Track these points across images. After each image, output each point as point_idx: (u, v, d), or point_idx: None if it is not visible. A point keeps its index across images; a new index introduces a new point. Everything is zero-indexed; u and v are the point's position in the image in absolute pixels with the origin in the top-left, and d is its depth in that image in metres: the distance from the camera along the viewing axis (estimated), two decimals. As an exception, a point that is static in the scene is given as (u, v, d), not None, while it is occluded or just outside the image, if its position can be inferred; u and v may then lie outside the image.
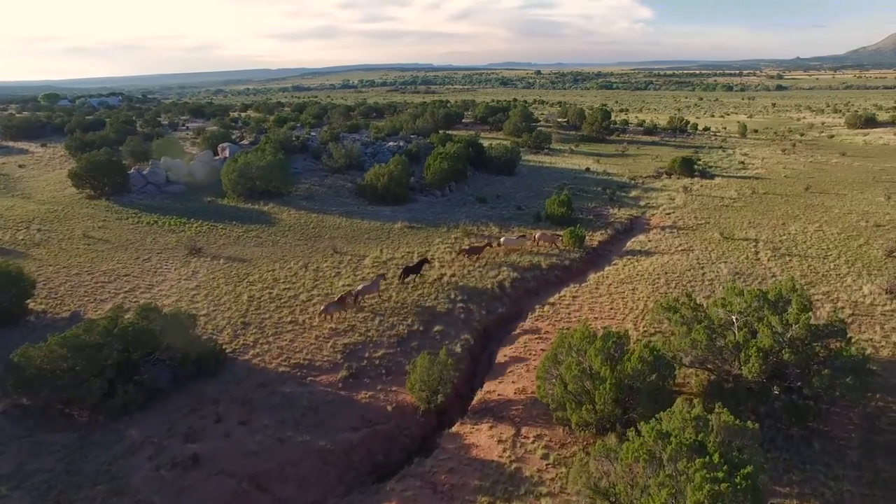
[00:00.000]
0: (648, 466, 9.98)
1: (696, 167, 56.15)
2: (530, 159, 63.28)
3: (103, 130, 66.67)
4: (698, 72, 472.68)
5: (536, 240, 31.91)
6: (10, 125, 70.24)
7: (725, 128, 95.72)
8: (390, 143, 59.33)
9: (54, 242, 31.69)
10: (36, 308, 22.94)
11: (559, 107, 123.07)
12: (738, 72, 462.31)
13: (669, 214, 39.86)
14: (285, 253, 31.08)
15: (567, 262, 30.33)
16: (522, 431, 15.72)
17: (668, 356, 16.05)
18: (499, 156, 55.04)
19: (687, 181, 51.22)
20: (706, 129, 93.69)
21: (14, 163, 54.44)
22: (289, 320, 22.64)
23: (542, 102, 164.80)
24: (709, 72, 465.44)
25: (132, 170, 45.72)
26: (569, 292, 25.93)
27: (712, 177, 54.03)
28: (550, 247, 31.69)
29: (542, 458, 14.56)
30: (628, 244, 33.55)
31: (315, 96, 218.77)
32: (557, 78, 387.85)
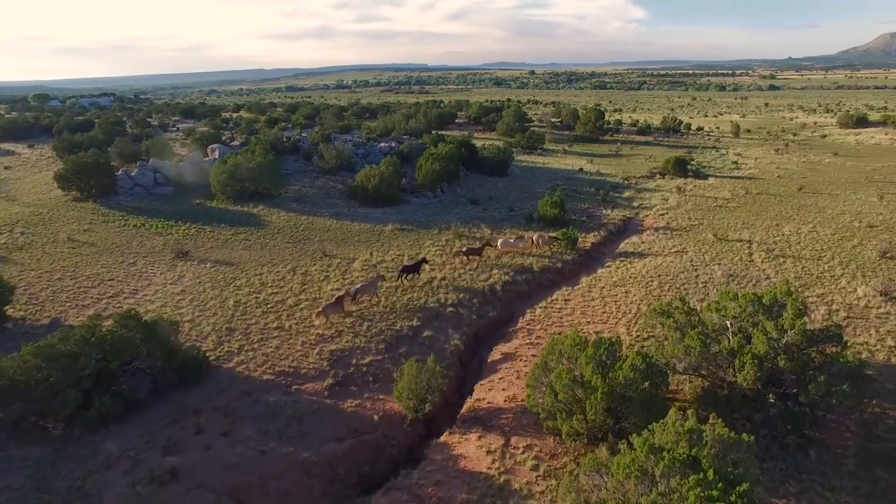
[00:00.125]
0: (640, 483, 9.58)
1: (689, 167, 55.94)
2: (523, 160, 62.91)
3: (92, 131, 65.82)
4: (691, 72, 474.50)
5: (534, 242, 31.51)
6: (-4, 125, 69.35)
7: (718, 128, 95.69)
8: (382, 143, 58.82)
9: (37, 246, 31.05)
10: (14, 315, 22.33)
11: (553, 107, 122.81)
12: (730, 72, 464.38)
13: (663, 215, 39.56)
14: (274, 256, 30.57)
15: (559, 265, 29.95)
16: (512, 441, 15.29)
17: (661, 363, 15.68)
18: (491, 156, 54.63)
19: (680, 181, 50.98)
20: (699, 128, 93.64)
21: (0, 164, 53.64)
22: (275, 326, 22.14)
23: (535, 102, 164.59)
24: (702, 72, 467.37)
25: (120, 171, 45.05)
26: (561, 295, 25.54)
27: (706, 177, 53.83)
28: (549, 249, 31.30)
29: (531, 469, 14.14)
30: (621, 246, 33.20)
31: (309, 97, 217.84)
32: (551, 78, 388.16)
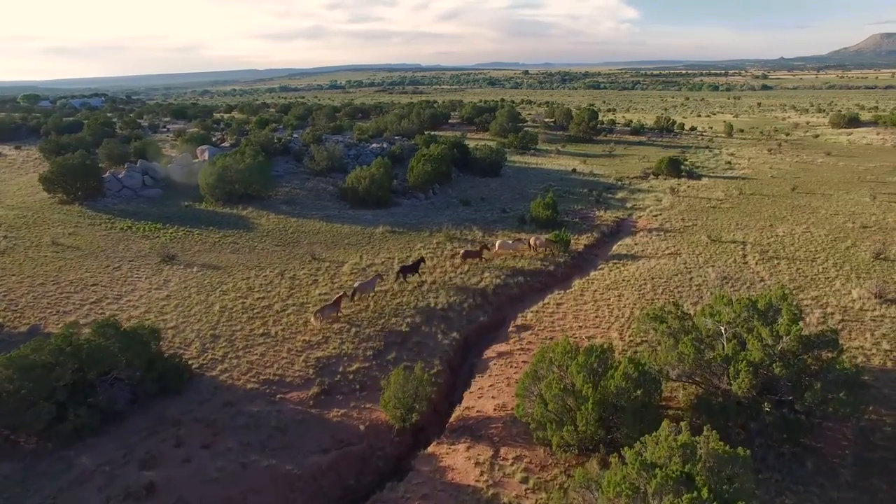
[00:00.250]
0: (632, 501, 9.18)
1: (682, 167, 55.76)
2: (516, 160, 62.55)
3: (80, 133, 64.94)
4: (684, 72, 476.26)
5: (532, 245, 31.07)
6: (-17, 127, 68.33)
7: (712, 127, 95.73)
8: (374, 144, 58.29)
9: (20, 250, 30.36)
10: (-9, 322, 21.73)
11: (546, 107, 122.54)
12: (723, 72, 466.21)
13: (656, 216, 39.27)
14: (262, 260, 30.04)
15: (552, 268, 29.56)
16: (501, 452, 14.86)
17: (654, 370, 15.30)
18: (484, 157, 54.23)
19: (674, 182, 50.76)
20: (693, 128, 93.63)
21: (-15, 166, 52.81)
22: (261, 332, 21.62)
23: (529, 102, 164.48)
24: (695, 72, 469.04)
25: (107, 173, 44.33)
26: (553, 299, 25.14)
27: (699, 177, 53.63)
28: (545, 252, 30.89)
29: (521, 481, 13.70)
30: (614, 248, 32.86)
31: (302, 97, 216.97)
32: (545, 78, 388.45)
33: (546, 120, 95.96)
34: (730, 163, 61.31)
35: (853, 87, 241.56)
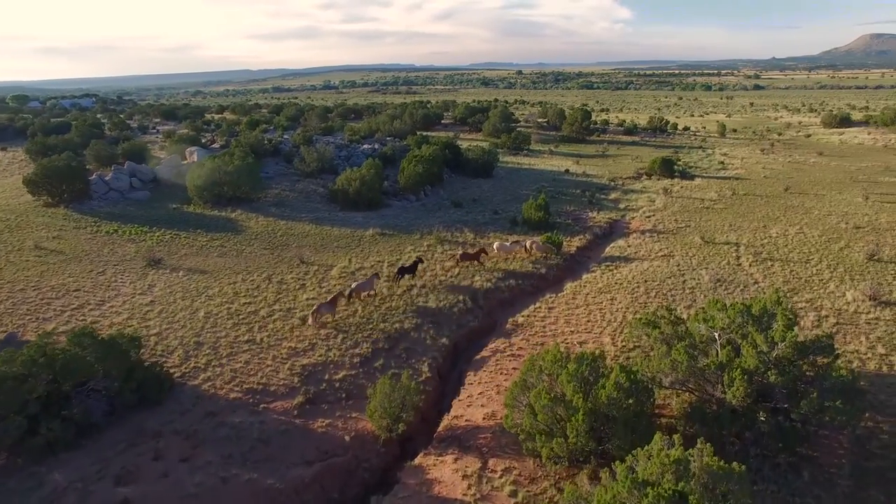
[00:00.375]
0: (622, 521, 8.79)
1: (676, 168, 55.57)
2: (509, 161, 62.18)
3: (68, 134, 64.10)
4: (677, 72, 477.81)
5: (528, 249, 30.61)
6: (-33, 128, 67.37)
7: (705, 127, 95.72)
8: (365, 145, 57.74)
9: (1, 255, 29.67)
10: (-34, 330, 21.11)
11: (540, 107, 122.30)
12: (716, 72, 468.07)
13: (649, 217, 38.96)
14: (249, 264, 29.50)
15: (544, 270, 29.16)
16: (490, 464, 14.42)
17: (647, 378, 14.92)
18: (476, 158, 53.82)
19: (667, 182, 50.54)
20: (686, 128, 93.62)
21: (-32, 168, 51.94)
22: (245, 339, 21.10)
23: (523, 102, 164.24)
24: (688, 72, 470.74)
25: (94, 175, 43.60)
26: (545, 303, 24.73)
27: (692, 177, 53.44)
28: (543, 256, 30.46)
29: (509, 495, 13.25)
30: (607, 250, 32.48)
31: (295, 97, 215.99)
32: (539, 78, 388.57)
33: (539, 120, 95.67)
34: (723, 163, 61.17)
35: (844, 87, 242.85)
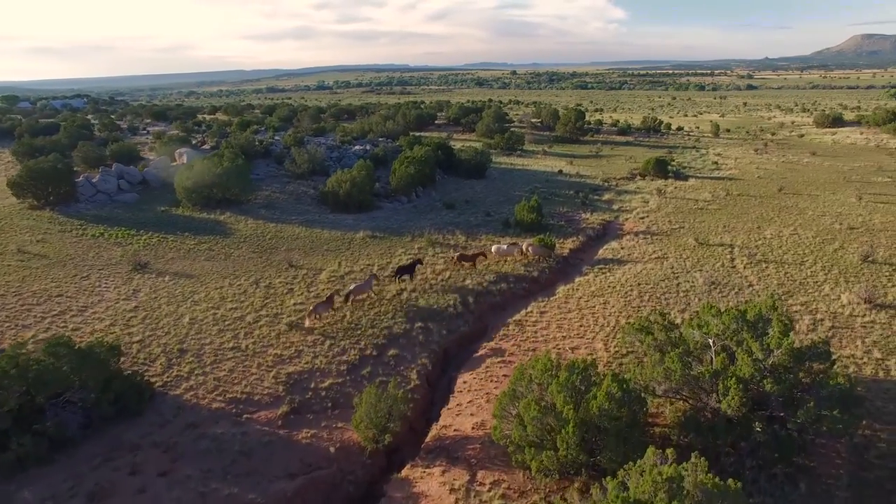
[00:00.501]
0: (613, 544, 8.39)
1: (669, 168, 55.35)
2: (502, 161, 61.81)
3: (56, 135, 63.23)
4: (671, 72, 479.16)
5: (524, 252, 30.19)
6: (-47, 130, 66.37)
7: (698, 127, 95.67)
8: (357, 146, 57.20)
9: (-18, 260, 29.04)
10: (-59, 339, 20.49)
11: (534, 107, 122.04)
12: (709, 72, 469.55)
13: (643, 219, 38.64)
14: (237, 268, 28.97)
15: (536, 273, 28.75)
16: (478, 476, 13.97)
17: (640, 387, 14.53)
18: (469, 159, 53.41)
19: (661, 183, 50.26)
20: (679, 128, 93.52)
21: (-47, 171, 51.05)
22: (231, 346, 20.59)
23: (517, 103, 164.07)
24: (681, 72, 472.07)
25: (81, 178, 42.89)
26: (536, 307, 24.31)
27: (686, 178, 53.21)
28: (540, 259, 30.04)
29: (498, 510, 12.87)
30: (600, 252, 32.11)
31: (289, 98, 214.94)
32: (533, 78, 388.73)
33: (533, 120, 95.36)
34: (716, 163, 61.00)
35: (836, 87, 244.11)
